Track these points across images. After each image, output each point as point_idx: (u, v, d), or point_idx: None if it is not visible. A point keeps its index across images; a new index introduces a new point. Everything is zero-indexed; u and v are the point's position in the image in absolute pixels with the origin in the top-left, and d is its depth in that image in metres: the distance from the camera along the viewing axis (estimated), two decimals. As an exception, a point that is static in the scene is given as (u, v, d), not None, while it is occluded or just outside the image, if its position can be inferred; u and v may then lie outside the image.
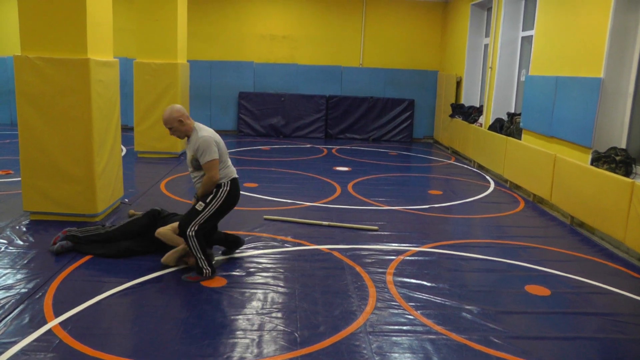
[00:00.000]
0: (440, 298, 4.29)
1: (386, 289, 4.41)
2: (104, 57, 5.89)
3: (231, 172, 4.51)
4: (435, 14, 13.17)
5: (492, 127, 9.57)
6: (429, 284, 4.56)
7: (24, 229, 5.45)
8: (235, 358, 3.32)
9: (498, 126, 9.39)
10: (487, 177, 9.18)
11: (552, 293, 4.49)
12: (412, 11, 13.11)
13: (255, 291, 4.29)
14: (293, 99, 12.95)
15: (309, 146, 11.81)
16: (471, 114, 10.92)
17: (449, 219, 6.63)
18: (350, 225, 6.02)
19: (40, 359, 3.21)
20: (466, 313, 4.05)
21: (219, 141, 4.44)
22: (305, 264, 4.91)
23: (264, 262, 4.89)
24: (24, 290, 4.09)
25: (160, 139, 9.51)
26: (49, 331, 3.52)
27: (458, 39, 12.00)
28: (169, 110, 4.35)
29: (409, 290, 4.40)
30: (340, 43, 13.21)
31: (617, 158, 5.94)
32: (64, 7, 5.37)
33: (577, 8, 6.88)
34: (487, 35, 11.04)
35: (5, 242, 5.08)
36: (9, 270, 4.44)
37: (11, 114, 12.81)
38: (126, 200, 6.59)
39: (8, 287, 4.13)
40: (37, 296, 4.01)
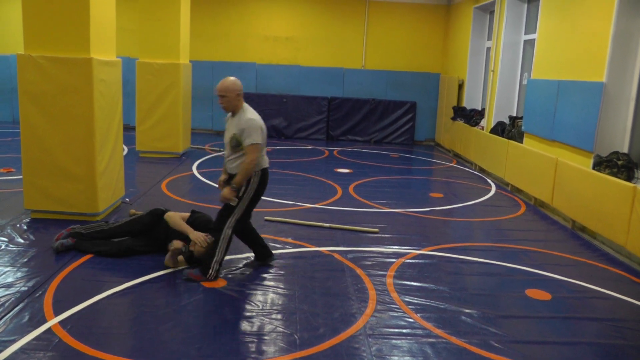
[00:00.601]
0: (440, 301, 4.28)
1: (386, 292, 4.40)
2: (107, 57, 5.89)
3: (264, 161, 4.51)
4: (438, 17, 13.17)
5: (493, 130, 9.56)
6: (429, 286, 4.55)
7: (25, 227, 5.45)
8: (234, 359, 3.32)
9: (500, 129, 9.38)
10: (489, 180, 9.17)
11: (553, 297, 4.48)
12: (414, 13, 13.11)
13: (255, 292, 4.29)
14: (295, 100, 12.95)
15: (310, 148, 11.81)
16: (473, 117, 10.91)
17: (449, 222, 6.62)
18: (351, 227, 6.01)
19: (39, 357, 3.21)
20: (466, 317, 4.04)
21: (264, 128, 4.47)
22: (306, 265, 4.90)
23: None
24: (24, 289, 4.09)
25: (161, 138, 9.53)
26: (48, 330, 3.52)
27: (460, 41, 12.00)
28: (232, 79, 4.47)
29: (409, 293, 4.39)
30: (343, 45, 13.22)
31: (619, 162, 5.93)
32: (67, 6, 5.39)
33: (580, 12, 6.88)
34: (489, 39, 11.03)
35: (5, 240, 5.08)
36: (9, 268, 4.44)
37: (13, 112, 12.82)
38: (127, 199, 6.58)
39: (8, 285, 4.13)
40: (37, 295, 4.01)
